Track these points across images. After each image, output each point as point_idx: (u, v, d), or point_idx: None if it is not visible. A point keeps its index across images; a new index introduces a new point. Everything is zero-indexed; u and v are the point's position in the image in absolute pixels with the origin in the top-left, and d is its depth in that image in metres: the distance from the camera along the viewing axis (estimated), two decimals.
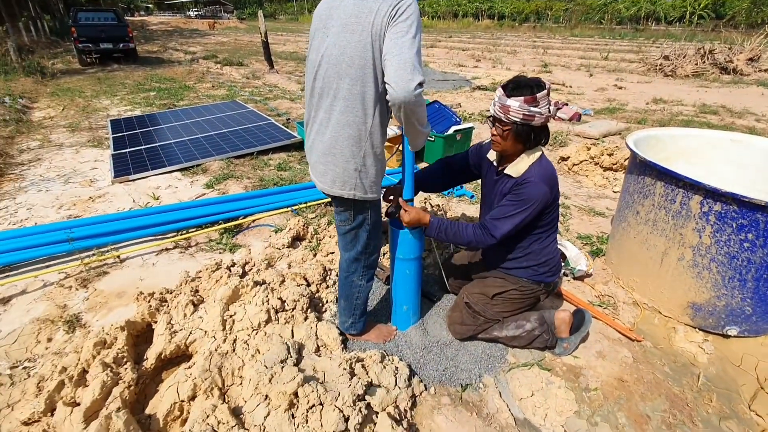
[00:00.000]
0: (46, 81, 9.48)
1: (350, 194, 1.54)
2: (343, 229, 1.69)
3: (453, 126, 4.35)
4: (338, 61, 1.39)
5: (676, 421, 1.67)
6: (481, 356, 1.91)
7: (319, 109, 1.52)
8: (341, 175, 1.52)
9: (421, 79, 1.27)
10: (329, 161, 1.52)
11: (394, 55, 1.27)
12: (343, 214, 1.65)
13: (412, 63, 1.25)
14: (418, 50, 1.29)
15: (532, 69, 12.10)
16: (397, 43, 1.27)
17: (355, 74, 1.38)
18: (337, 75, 1.41)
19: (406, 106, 1.30)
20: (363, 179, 1.53)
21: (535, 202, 1.63)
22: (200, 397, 1.62)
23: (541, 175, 1.64)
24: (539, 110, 1.54)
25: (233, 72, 11.32)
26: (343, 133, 1.46)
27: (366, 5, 1.32)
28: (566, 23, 38.09)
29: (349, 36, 1.35)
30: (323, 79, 1.46)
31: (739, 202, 1.77)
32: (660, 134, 2.62)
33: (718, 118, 6.75)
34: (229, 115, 5.96)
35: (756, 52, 11.85)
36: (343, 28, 1.37)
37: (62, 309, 2.30)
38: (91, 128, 5.82)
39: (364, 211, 1.63)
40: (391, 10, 1.29)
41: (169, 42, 20.65)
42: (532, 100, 1.53)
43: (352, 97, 1.41)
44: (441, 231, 1.73)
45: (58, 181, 4.03)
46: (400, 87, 1.25)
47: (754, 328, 2.04)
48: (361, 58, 1.35)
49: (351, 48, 1.36)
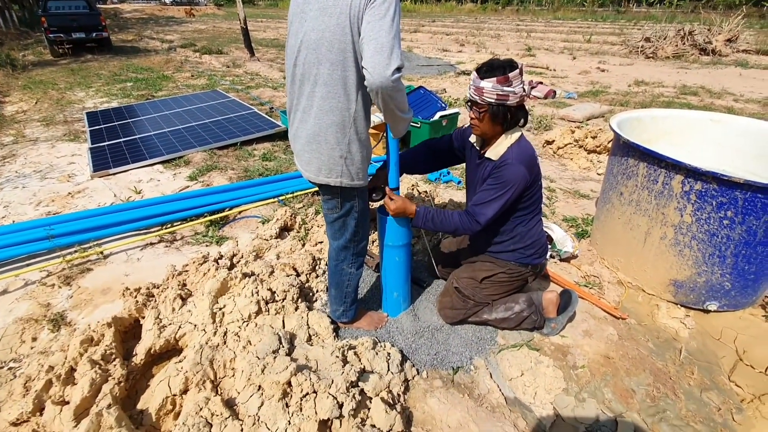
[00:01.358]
0: (17, 74, 9.09)
1: (337, 182, 1.53)
2: (331, 218, 1.68)
3: (439, 112, 4.33)
4: (317, 45, 1.36)
5: (659, 394, 1.73)
6: (472, 339, 1.94)
7: (301, 95, 1.49)
8: (327, 163, 1.50)
9: (399, 63, 1.25)
10: (314, 149, 1.50)
11: (372, 39, 1.24)
12: (330, 202, 1.63)
13: (390, 47, 1.23)
14: (397, 34, 1.27)
15: (515, 53, 12.09)
16: (374, 27, 1.24)
17: (335, 59, 1.35)
18: (317, 60, 1.38)
19: (384, 91, 1.28)
20: (349, 166, 1.51)
21: (514, 184, 1.64)
22: (192, 391, 1.61)
23: (519, 156, 1.65)
24: (512, 89, 1.56)
25: (213, 60, 11.04)
26: (327, 120, 1.44)
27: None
28: (549, 6, 37.98)
29: (327, 19, 1.32)
30: (303, 65, 1.43)
31: (719, 181, 1.82)
32: (642, 116, 2.65)
33: (698, 99, 6.87)
34: (211, 105, 5.83)
35: (734, 32, 12.03)
36: (321, 12, 1.34)
37: (46, 308, 2.25)
38: (67, 121, 5.63)
39: (351, 198, 1.62)
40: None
41: (144, 30, 19.97)
42: (504, 80, 1.54)
43: (333, 82, 1.39)
44: (428, 220, 1.73)
45: (34, 177, 3.91)
46: (377, 72, 1.23)
47: (733, 303, 2.11)
48: (340, 42, 1.32)
49: (329, 32, 1.33)
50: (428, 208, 1.75)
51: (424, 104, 4.41)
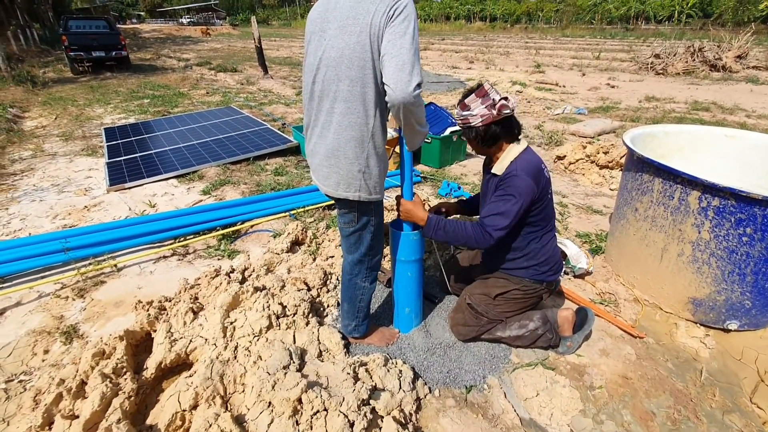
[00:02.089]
0: (38, 90, 9.40)
1: (355, 196, 1.54)
2: (347, 231, 1.68)
3: (449, 127, 4.35)
4: (337, 63, 1.39)
5: (680, 417, 1.67)
6: (485, 357, 1.90)
7: (319, 112, 1.51)
8: (345, 178, 1.51)
9: (420, 79, 1.27)
10: (333, 164, 1.52)
11: (393, 56, 1.26)
12: (347, 216, 1.64)
13: (411, 64, 1.26)
14: (416, 50, 1.29)
15: (525, 69, 12.17)
16: (395, 44, 1.27)
17: (354, 75, 1.38)
18: (336, 77, 1.41)
19: (405, 107, 1.30)
20: (367, 180, 1.52)
21: (521, 193, 1.64)
22: (202, 406, 1.60)
23: (524, 167, 1.67)
24: (471, 112, 1.67)
25: (227, 78, 11.30)
26: (346, 135, 1.46)
27: (363, 6, 1.32)
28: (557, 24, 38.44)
29: (347, 38, 1.35)
30: (322, 82, 1.46)
31: (737, 197, 1.78)
32: (655, 131, 2.63)
33: (709, 114, 6.81)
34: (225, 121, 5.94)
35: (744, 49, 12.00)
36: (340, 30, 1.37)
37: (59, 320, 2.27)
38: (85, 137, 5.78)
39: (368, 212, 1.62)
40: (388, 10, 1.28)
41: (162, 49, 20.60)
42: (462, 107, 1.70)
43: (352, 98, 1.41)
44: (439, 228, 1.71)
45: (52, 190, 3.99)
46: (399, 88, 1.25)
47: (754, 322, 2.05)
48: (360, 59, 1.35)
49: (349, 49, 1.35)
50: (440, 217, 1.74)
51: (435, 120, 4.44)
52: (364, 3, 1.32)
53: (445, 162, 4.51)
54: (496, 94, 1.66)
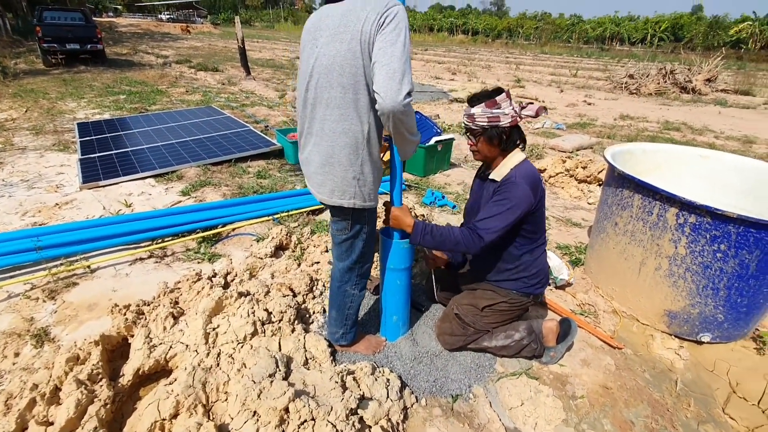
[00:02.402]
0: (8, 81, 8.98)
1: (350, 203, 1.53)
2: (340, 238, 1.67)
3: (434, 137, 4.40)
4: (329, 70, 1.39)
5: (658, 426, 1.72)
6: (471, 366, 1.91)
7: (313, 119, 1.50)
8: (340, 185, 1.50)
9: (410, 88, 1.27)
10: (327, 171, 1.50)
11: (384, 64, 1.26)
12: (340, 224, 1.63)
13: (401, 72, 1.26)
14: (408, 58, 1.29)
15: (506, 83, 12.46)
16: (386, 52, 1.27)
17: (346, 82, 1.38)
18: (329, 84, 1.40)
19: (395, 115, 1.30)
20: (362, 187, 1.52)
21: (518, 201, 1.65)
22: (183, 415, 1.54)
23: (523, 176, 1.68)
24: (502, 111, 1.64)
25: (208, 77, 11.10)
26: (340, 142, 1.45)
27: (354, 14, 1.32)
28: (537, 41, 39.60)
29: (338, 45, 1.35)
30: (315, 89, 1.45)
31: (713, 215, 1.87)
32: (633, 149, 2.74)
33: (680, 134, 7.14)
34: (205, 121, 5.82)
35: (713, 73, 12.67)
36: (332, 38, 1.37)
37: (29, 322, 2.15)
38: (57, 131, 5.55)
39: (361, 220, 1.62)
40: (379, 18, 1.28)
41: (139, 44, 20.05)
42: (492, 103, 1.64)
43: (345, 105, 1.41)
44: (426, 233, 1.68)
45: (21, 186, 3.81)
46: (389, 97, 1.25)
47: (726, 335, 2.14)
48: (351, 66, 1.35)
49: (341, 57, 1.35)
50: (427, 223, 1.73)
51: (420, 129, 4.48)
52: (355, 10, 1.33)
53: (430, 171, 4.56)
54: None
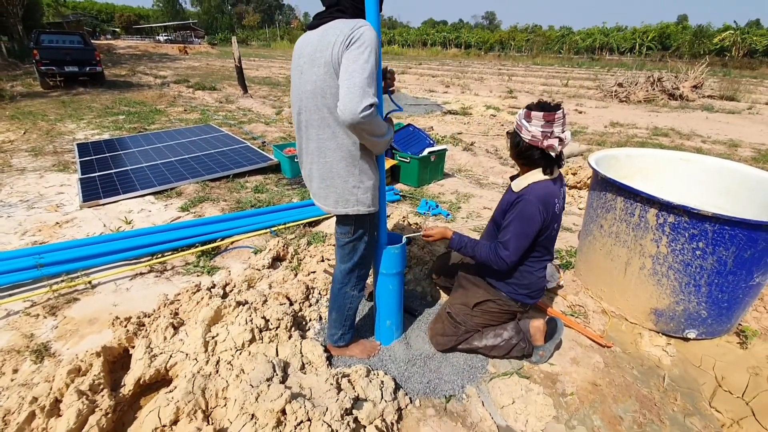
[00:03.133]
0: (5, 104, 9.12)
1: (354, 210, 1.63)
2: (343, 241, 1.76)
3: (427, 148, 4.51)
4: (314, 94, 1.49)
5: (646, 420, 1.77)
6: (463, 367, 1.97)
7: (308, 140, 1.61)
8: (342, 195, 1.61)
9: (371, 101, 1.34)
10: (329, 185, 1.61)
11: (344, 80, 1.36)
12: (344, 228, 1.73)
13: (360, 87, 1.33)
14: (371, 74, 1.36)
15: (498, 95, 12.69)
16: (347, 70, 1.36)
17: (330, 104, 1.47)
18: (315, 107, 1.51)
19: (356, 127, 1.39)
20: (363, 194, 1.62)
21: (529, 218, 1.73)
22: (183, 421, 1.59)
23: (536, 195, 1.75)
24: (527, 125, 1.70)
25: (206, 96, 11.28)
26: (336, 157, 1.55)
27: (326, 39, 1.42)
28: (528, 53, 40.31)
29: (316, 70, 1.46)
30: (305, 112, 1.57)
31: (690, 214, 1.95)
32: (618, 154, 2.83)
33: (668, 140, 7.28)
34: (204, 139, 5.94)
35: (699, 80, 12.94)
36: (310, 64, 1.48)
37: (29, 338, 2.20)
38: (56, 152, 5.64)
39: (364, 224, 1.72)
40: (345, 39, 1.38)
41: (137, 66, 20.37)
42: (526, 114, 1.70)
43: (334, 123, 1.51)
44: (462, 244, 1.90)
45: (21, 206, 3.87)
46: (348, 110, 1.34)
47: (710, 330, 2.20)
48: (330, 87, 1.45)
49: (320, 80, 1.45)
50: (462, 236, 1.92)
51: (414, 141, 4.59)
52: (327, 36, 1.42)
53: (424, 181, 4.65)
54: (560, 129, 1.67)
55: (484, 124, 8.46)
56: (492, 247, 1.82)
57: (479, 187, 4.82)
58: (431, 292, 2.54)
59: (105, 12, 69.59)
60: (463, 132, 7.69)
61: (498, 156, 6.18)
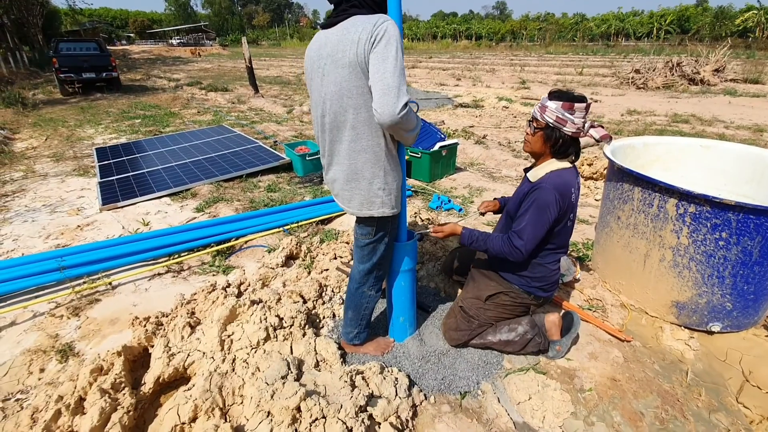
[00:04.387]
0: (28, 111, 9.41)
1: (379, 212, 1.62)
2: (363, 242, 1.74)
3: (438, 142, 4.47)
4: (339, 95, 1.47)
5: (668, 417, 1.72)
6: (478, 363, 1.95)
7: (333, 143, 1.59)
8: (368, 197, 1.59)
9: (406, 99, 1.35)
10: (353, 187, 1.60)
11: (378, 81, 1.34)
12: (366, 229, 1.71)
13: (395, 87, 1.33)
14: (401, 72, 1.36)
15: (510, 86, 12.50)
16: (379, 69, 1.34)
17: (356, 104, 1.45)
18: (341, 108, 1.48)
19: (392, 126, 1.39)
20: (388, 196, 1.60)
21: (546, 206, 1.69)
22: (201, 419, 1.61)
23: (554, 183, 1.71)
24: (572, 118, 1.66)
25: (218, 97, 11.42)
26: (361, 159, 1.54)
27: (348, 37, 1.39)
28: (541, 42, 39.57)
29: (340, 71, 1.43)
30: (330, 115, 1.54)
31: (712, 203, 1.88)
32: (635, 143, 2.75)
33: (689, 126, 7.06)
34: (217, 140, 6.01)
35: (721, 63, 12.49)
36: (334, 65, 1.45)
37: (54, 339, 2.27)
38: (76, 157, 5.80)
39: (386, 226, 1.70)
40: (370, 37, 1.35)
41: (152, 70, 20.74)
42: (569, 106, 1.65)
43: (359, 124, 1.49)
44: (473, 239, 1.87)
45: (44, 210, 3.99)
46: (386, 112, 1.34)
47: (736, 323, 2.13)
48: (357, 87, 1.43)
49: (346, 81, 1.43)
50: (472, 230, 1.89)
51: (425, 136, 4.56)
52: (349, 34, 1.40)
53: (436, 176, 4.62)
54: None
55: (497, 117, 8.35)
56: (505, 238, 1.79)
57: (492, 180, 4.76)
58: (444, 288, 2.52)
59: (120, 18, 71.03)
60: (474, 125, 7.61)
61: (511, 148, 6.09)
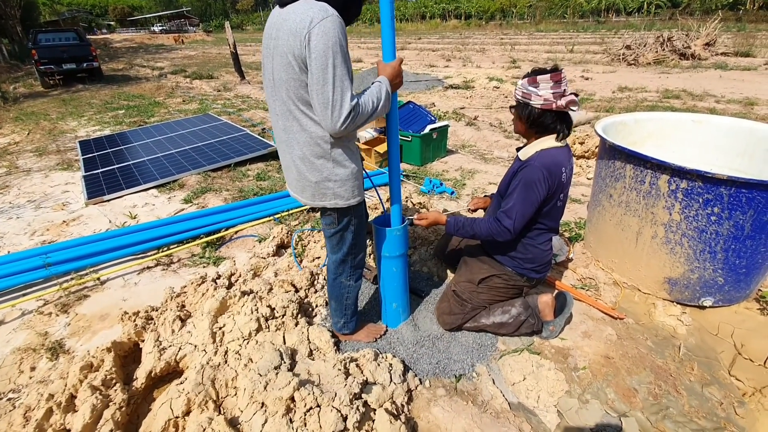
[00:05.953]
0: (8, 106, 9.14)
1: (332, 203, 1.57)
2: (329, 232, 1.70)
3: (429, 125, 4.41)
4: (280, 84, 1.41)
5: (661, 392, 1.74)
6: (473, 346, 1.95)
7: (282, 130, 1.53)
8: (319, 189, 1.54)
9: (348, 110, 1.30)
10: (303, 177, 1.54)
11: (316, 92, 1.30)
12: (328, 218, 1.66)
13: (334, 100, 1.29)
14: (341, 81, 1.29)
15: (501, 65, 12.35)
16: (317, 80, 1.28)
17: (294, 96, 1.39)
18: (288, 96, 1.41)
19: (342, 132, 1.37)
20: (339, 188, 1.54)
21: (534, 184, 1.68)
22: (195, 412, 1.60)
23: (542, 161, 1.69)
24: (536, 91, 1.64)
25: (204, 85, 11.17)
26: (307, 150, 1.47)
27: (286, 26, 1.32)
28: (531, 19, 39.08)
29: (279, 59, 1.37)
30: (275, 102, 1.48)
31: (704, 178, 1.87)
32: (626, 120, 2.72)
33: (680, 102, 7.03)
34: (203, 129, 5.89)
35: (712, 36, 12.40)
36: (275, 50, 1.38)
37: (44, 336, 2.23)
38: (60, 151, 5.66)
39: (348, 214, 1.65)
40: (304, 37, 1.26)
41: (134, 59, 20.21)
42: (532, 80, 1.65)
43: (302, 115, 1.42)
44: (459, 227, 1.84)
45: (28, 207, 3.90)
46: (328, 126, 1.34)
47: (728, 297, 2.14)
48: (295, 80, 1.36)
49: (285, 71, 1.36)
50: (457, 218, 1.85)
51: (414, 118, 4.49)
52: (287, 23, 1.31)
53: (427, 159, 4.57)
54: (567, 86, 1.66)
55: (488, 97, 8.26)
56: (491, 220, 1.77)
57: (484, 162, 4.72)
58: (438, 272, 2.51)
59: (99, 6, 68.65)
60: (465, 106, 7.52)
61: (502, 129, 6.04)
